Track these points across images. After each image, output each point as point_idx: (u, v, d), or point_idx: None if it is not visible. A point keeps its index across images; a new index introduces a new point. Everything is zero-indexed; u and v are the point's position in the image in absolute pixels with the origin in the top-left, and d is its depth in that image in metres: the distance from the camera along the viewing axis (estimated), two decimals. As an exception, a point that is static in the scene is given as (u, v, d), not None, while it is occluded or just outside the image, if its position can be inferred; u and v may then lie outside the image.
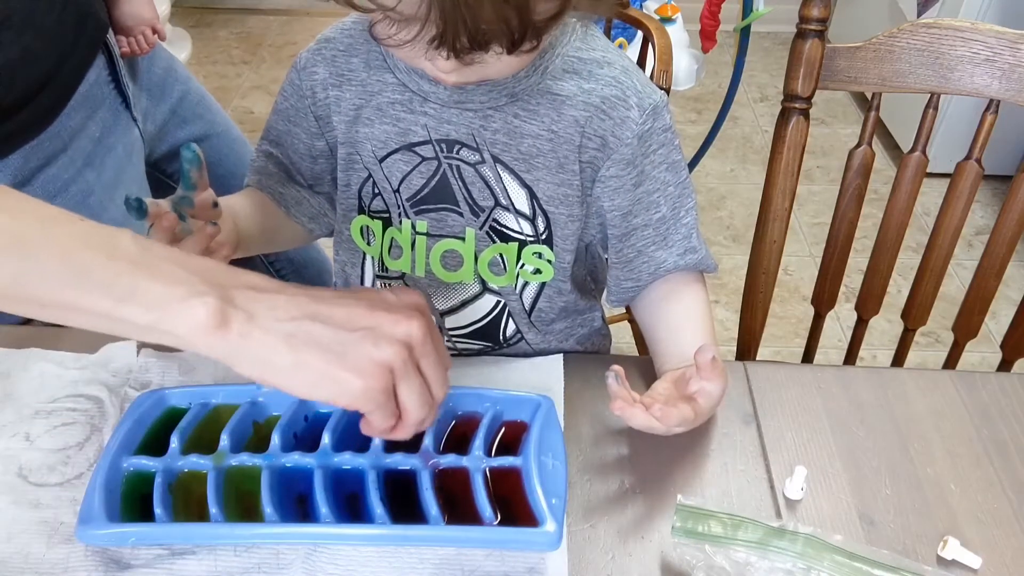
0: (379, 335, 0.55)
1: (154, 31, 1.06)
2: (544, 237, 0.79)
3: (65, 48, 0.91)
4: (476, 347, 0.86)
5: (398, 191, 0.78)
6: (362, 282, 0.86)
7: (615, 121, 0.74)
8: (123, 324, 0.52)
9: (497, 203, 0.77)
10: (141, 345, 0.81)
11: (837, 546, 0.63)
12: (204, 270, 0.54)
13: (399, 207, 0.79)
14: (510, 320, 0.84)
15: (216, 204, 0.70)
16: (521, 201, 0.77)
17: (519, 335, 0.85)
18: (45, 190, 0.92)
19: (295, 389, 0.55)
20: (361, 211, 0.82)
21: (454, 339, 0.85)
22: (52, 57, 0.89)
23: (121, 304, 0.51)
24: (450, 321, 0.84)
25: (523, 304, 0.83)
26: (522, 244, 0.79)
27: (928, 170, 0.99)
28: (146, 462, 0.67)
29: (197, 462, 0.67)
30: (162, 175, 1.14)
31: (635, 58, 1.45)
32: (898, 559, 0.62)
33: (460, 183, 0.77)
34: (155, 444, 0.69)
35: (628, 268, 0.81)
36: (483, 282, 0.82)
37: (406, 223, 0.79)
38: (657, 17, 2.12)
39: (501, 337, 0.85)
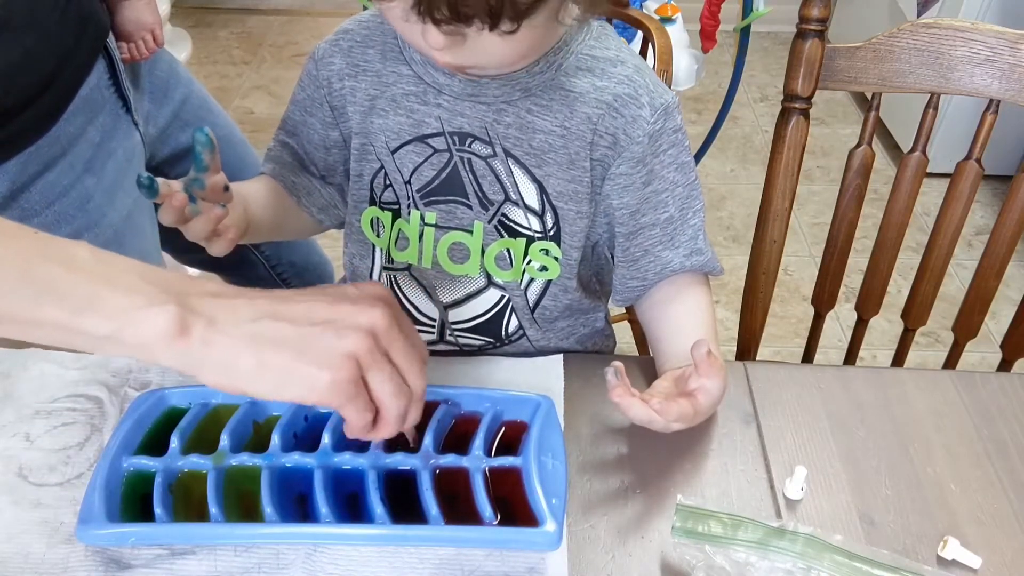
0: (341, 326, 0.54)
1: (154, 37, 1.06)
2: (552, 233, 0.79)
3: (66, 51, 0.91)
4: (477, 342, 0.86)
5: (409, 182, 0.79)
6: (371, 274, 0.86)
7: (627, 119, 0.74)
8: (82, 336, 0.51)
9: (507, 197, 0.78)
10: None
11: (837, 546, 0.63)
12: (163, 280, 0.53)
13: (409, 198, 0.79)
14: (513, 316, 0.84)
15: (227, 188, 0.70)
16: (531, 196, 0.77)
17: (521, 331, 0.85)
18: (44, 196, 0.92)
19: (261, 391, 0.54)
20: (372, 202, 0.82)
21: (456, 333, 0.85)
22: (53, 60, 0.89)
23: (80, 315, 0.51)
24: (453, 315, 0.84)
25: (527, 300, 0.83)
26: (530, 240, 0.80)
27: (928, 170, 0.99)
28: (146, 462, 0.67)
29: (197, 462, 0.67)
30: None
31: (635, 58, 1.46)
32: (898, 559, 0.62)
33: (471, 176, 0.77)
34: (155, 444, 0.69)
35: (634, 267, 0.81)
36: (488, 276, 0.82)
37: (415, 214, 0.80)
38: (657, 17, 2.12)
39: (503, 333, 0.85)
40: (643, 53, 1.37)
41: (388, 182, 0.80)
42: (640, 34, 1.33)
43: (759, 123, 2.74)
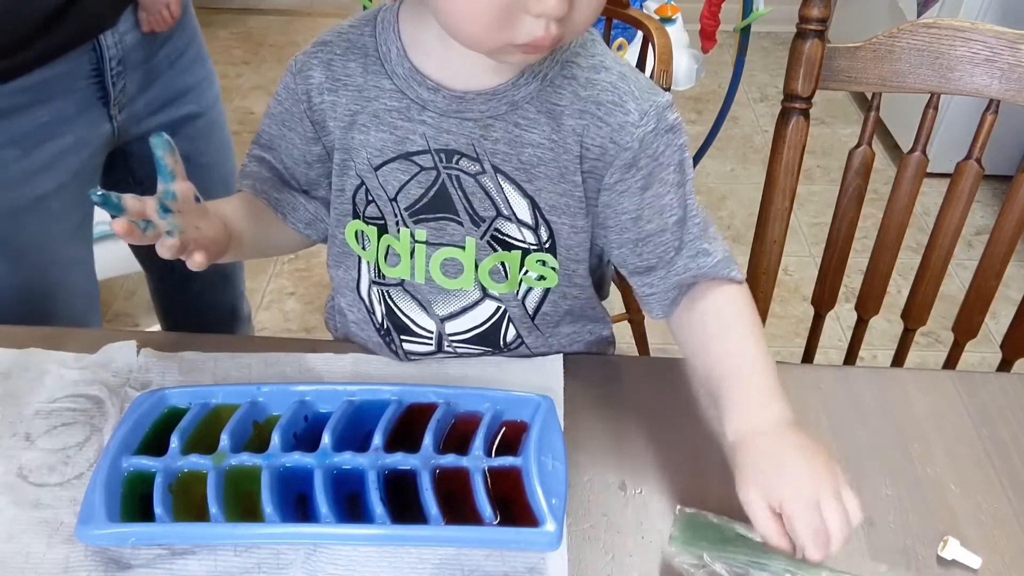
0: None
1: (170, 11, 1.08)
2: (548, 246, 0.78)
3: (27, 35, 0.88)
4: (476, 352, 0.85)
5: (395, 200, 0.77)
6: (358, 286, 0.85)
7: (613, 127, 0.73)
8: None
9: (498, 213, 0.76)
10: (141, 345, 0.81)
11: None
12: None
13: (396, 215, 0.78)
14: (510, 325, 0.84)
15: (198, 199, 0.68)
16: (523, 211, 0.76)
17: (519, 340, 0.85)
18: None
19: None
20: (356, 216, 0.81)
21: (454, 344, 0.85)
22: (6, 38, 0.86)
23: None
24: (450, 326, 0.83)
25: (526, 309, 0.83)
26: (525, 252, 0.78)
27: (928, 170, 0.99)
28: (146, 462, 0.67)
29: (197, 462, 0.67)
30: (128, 159, 1.12)
31: (635, 58, 1.46)
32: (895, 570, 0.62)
33: (460, 193, 0.76)
34: (155, 444, 0.69)
35: (650, 275, 0.78)
36: (483, 289, 0.81)
37: (404, 232, 0.78)
38: (657, 17, 2.12)
39: (501, 342, 0.85)
40: (643, 53, 1.37)
41: (370, 198, 0.78)
42: (640, 34, 1.33)
43: (759, 123, 2.74)
